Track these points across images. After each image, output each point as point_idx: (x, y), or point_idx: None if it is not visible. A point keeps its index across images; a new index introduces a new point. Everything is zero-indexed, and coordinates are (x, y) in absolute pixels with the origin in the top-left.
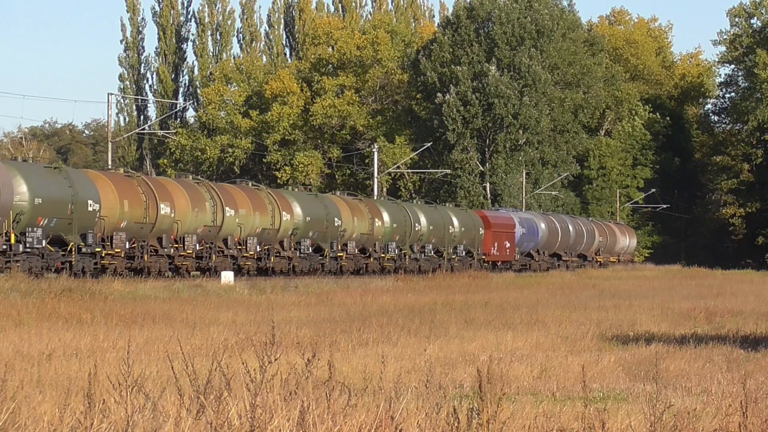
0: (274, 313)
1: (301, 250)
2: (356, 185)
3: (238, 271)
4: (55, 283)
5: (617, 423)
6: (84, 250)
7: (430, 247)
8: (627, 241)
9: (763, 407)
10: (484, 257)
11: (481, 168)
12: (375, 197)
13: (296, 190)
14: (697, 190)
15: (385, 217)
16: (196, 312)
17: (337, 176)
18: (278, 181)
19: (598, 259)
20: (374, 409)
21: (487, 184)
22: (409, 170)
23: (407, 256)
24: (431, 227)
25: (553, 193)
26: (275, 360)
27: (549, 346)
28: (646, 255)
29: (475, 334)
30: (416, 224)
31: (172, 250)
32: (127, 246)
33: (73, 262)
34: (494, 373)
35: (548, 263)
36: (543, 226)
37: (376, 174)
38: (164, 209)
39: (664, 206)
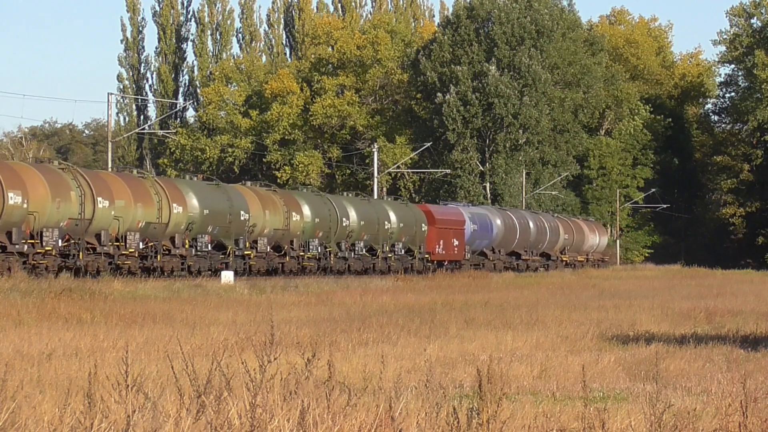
0: (274, 312)
1: (198, 248)
2: (356, 185)
3: (116, 271)
4: (55, 283)
5: (617, 423)
6: None
7: (362, 244)
8: (597, 239)
9: (763, 407)
10: (427, 256)
11: (481, 168)
12: (375, 197)
13: (194, 179)
14: (697, 190)
15: (306, 210)
16: (196, 312)
17: (337, 176)
18: (278, 180)
19: (564, 259)
20: (374, 409)
21: (487, 184)
22: (409, 170)
23: (332, 255)
24: (362, 222)
25: (553, 193)
26: (275, 359)
27: (549, 346)
28: (646, 255)
29: (475, 334)
30: (344, 219)
31: (26, 247)
32: None
33: None
34: (494, 373)
35: (505, 263)
36: (498, 222)
37: (376, 174)
38: (14, 198)
39: (664, 206)
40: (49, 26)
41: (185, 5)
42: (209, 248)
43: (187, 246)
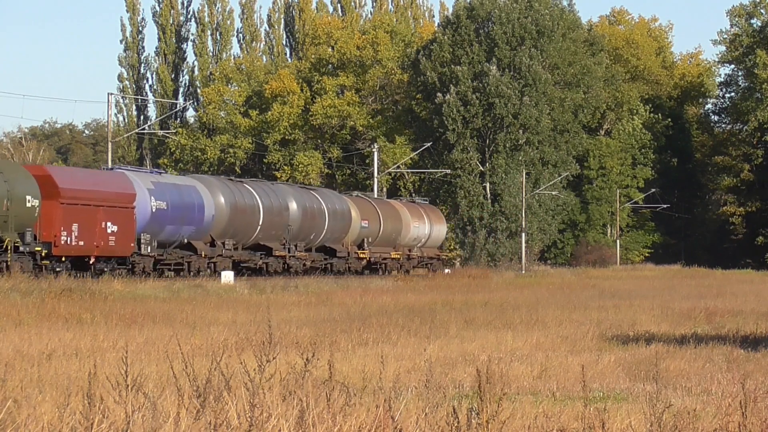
0: (274, 313)
1: None
2: (356, 185)
3: None
4: (55, 283)
5: (617, 423)
6: None
7: None
8: (426, 228)
9: (763, 407)
10: (40, 249)
11: (481, 168)
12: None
13: None
14: (697, 190)
15: None
16: (196, 312)
17: (337, 176)
18: (278, 181)
19: (362, 255)
20: (374, 409)
21: (487, 184)
22: (409, 170)
23: None
24: None
25: (553, 193)
26: (273, 359)
27: (549, 346)
28: (646, 255)
29: (475, 334)
30: None
31: None
32: None
33: None
34: (494, 373)
35: (239, 260)
36: (221, 200)
37: (376, 174)
38: None
39: (664, 206)
40: (49, 26)
41: (185, 5)
42: None
43: None
